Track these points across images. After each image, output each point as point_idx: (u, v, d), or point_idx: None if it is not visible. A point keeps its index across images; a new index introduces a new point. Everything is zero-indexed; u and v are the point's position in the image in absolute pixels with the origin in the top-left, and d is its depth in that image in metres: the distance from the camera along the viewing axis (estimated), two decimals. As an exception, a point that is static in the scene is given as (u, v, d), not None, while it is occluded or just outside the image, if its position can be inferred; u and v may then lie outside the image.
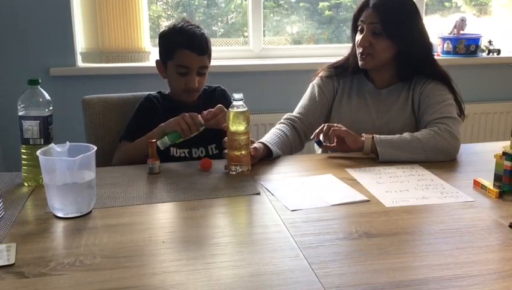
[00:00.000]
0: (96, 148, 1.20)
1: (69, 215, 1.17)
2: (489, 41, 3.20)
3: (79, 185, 1.18)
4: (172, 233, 1.11)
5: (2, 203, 1.18)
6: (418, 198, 1.29)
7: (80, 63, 2.71)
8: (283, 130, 1.72)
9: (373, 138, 1.57)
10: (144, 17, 2.69)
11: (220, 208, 1.25)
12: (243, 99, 1.43)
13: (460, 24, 3.10)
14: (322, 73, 1.87)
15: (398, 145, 1.57)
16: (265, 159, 1.57)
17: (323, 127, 1.61)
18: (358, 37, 1.74)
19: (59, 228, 1.13)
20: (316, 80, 1.87)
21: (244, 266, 0.96)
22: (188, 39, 1.70)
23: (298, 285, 0.89)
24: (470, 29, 3.16)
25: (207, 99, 1.78)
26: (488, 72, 3.18)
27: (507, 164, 1.30)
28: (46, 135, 1.35)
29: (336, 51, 2.90)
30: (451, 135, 1.60)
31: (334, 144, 1.61)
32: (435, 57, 1.82)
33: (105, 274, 0.92)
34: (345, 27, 3.28)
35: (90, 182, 1.19)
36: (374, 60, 1.72)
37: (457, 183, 1.39)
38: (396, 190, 1.34)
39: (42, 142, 1.33)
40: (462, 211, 1.21)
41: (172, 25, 1.77)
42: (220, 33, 3.22)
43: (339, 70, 1.85)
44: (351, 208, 1.23)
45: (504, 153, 1.31)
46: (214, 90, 1.85)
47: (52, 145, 1.26)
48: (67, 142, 1.22)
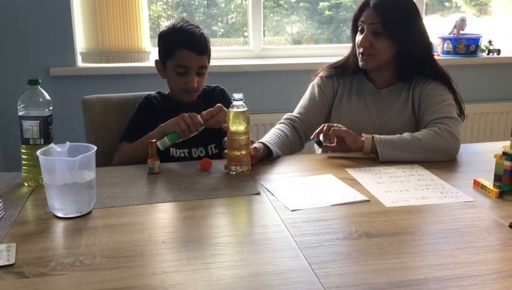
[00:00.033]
0: (96, 148, 1.20)
1: (69, 215, 1.17)
2: (489, 41, 3.20)
3: (79, 185, 1.18)
4: (172, 233, 1.11)
5: (2, 203, 1.18)
6: (418, 198, 1.29)
7: (80, 63, 2.71)
8: (283, 130, 1.72)
9: (373, 138, 1.57)
10: (144, 17, 2.69)
11: (220, 208, 1.25)
12: (243, 99, 1.43)
13: (460, 24, 3.10)
14: (322, 73, 1.87)
15: (398, 145, 1.57)
16: (265, 159, 1.57)
17: (323, 127, 1.61)
18: (359, 37, 1.74)
19: (59, 228, 1.13)
20: (316, 80, 1.87)
21: (244, 266, 0.96)
22: (187, 39, 1.70)
23: (298, 285, 0.89)
24: (470, 29, 3.16)
25: (206, 99, 1.78)
26: (488, 72, 3.18)
27: (507, 164, 1.30)
28: (46, 135, 1.35)
29: (336, 51, 2.90)
30: (451, 135, 1.60)
31: (334, 144, 1.61)
32: (434, 57, 1.82)
33: (105, 274, 0.92)
34: (345, 27, 3.28)
35: (90, 182, 1.19)
36: (374, 60, 1.72)
37: (457, 183, 1.39)
38: (396, 190, 1.34)
39: (42, 142, 1.33)
40: (462, 211, 1.21)
41: (172, 25, 1.77)
42: (220, 33, 3.22)
43: (339, 71, 1.85)
44: (351, 208, 1.23)
45: (504, 153, 1.31)
46: (213, 90, 1.85)
47: (52, 145, 1.26)
48: (67, 142, 1.22)
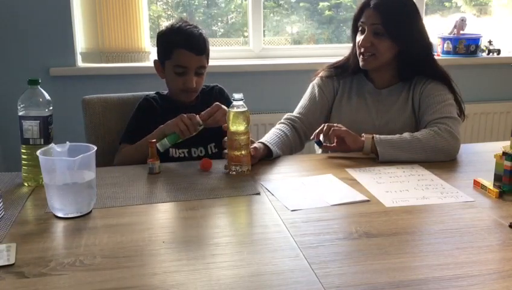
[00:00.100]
0: (96, 148, 1.20)
1: (69, 215, 1.17)
2: (489, 41, 3.20)
3: (79, 185, 1.18)
4: (172, 233, 1.11)
5: (2, 203, 1.18)
6: (418, 198, 1.29)
7: (80, 63, 2.71)
8: (283, 130, 1.72)
9: (373, 138, 1.57)
10: (144, 17, 2.69)
11: (220, 208, 1.25)
12: (243, 99, 1.43)
13: (460, 24, 3.10)
14: (322, 73, 1.87)
15: (398, 145, 1.57)
16: (265, 159, 1.57)
17: (323, 127, 1.61)
18: (359, 37, 1.73)
19: (59, 228, 1.13)
20: (316, 80, 1.87)
21: (244, 266, 0.96)
22: (186, 39, 1.69)
23: (298, 285, 0.89)
24: (470, 29, 3.16)
25: (205, 99, 1.78)
26: (488, 72, 3.18)
27: (507, 164, 1.30)
28: (46, 135, 1.35)
29: (336, 51, 2.90)
30: (451, 135, 1.60)
31: (334, 144, 1.61)
32: (435, 57, 1.82)
33: (105, 274, 0.92)
34: (345, 27, 3.28)
35: (90, 182, 1.19)
36: (375, 61, 1.72)
37: (457, 183, 1.38)
38: (396, 190, 1.34)
39: (42, 142, 1.33)
40: (462, 211, 1.21)
41: (170, 25, 1.76)
42: (220, 33, 3.22)
43: (339, 71, 1.85)
44: (351, 208, 1.23)
45: (504, 153, 1.31)
46: (212, 89, 1.85)
47: (52, 145, 1.26)
48: (67, 142, 1.22)
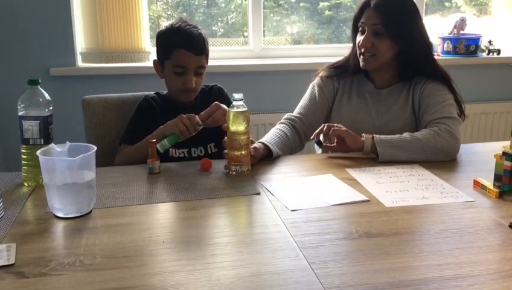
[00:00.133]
0: (96, 148, 1.20)
1: (69, 215, 1.17)
2: (489, 41, 3.20)
3: (79, 185, 1.18)
4: (172, 233, 1.11)
5: (2, 203, 1.18)
6: (418, 198, 1.29)
7: (80, 63, 2.71)
8: (283, 130, 1.72)
9: (373, 138, 1.57)
10: (144, 17, 2.69)
11: (220, 208, 1.25)
12: (243, 99, 1.43)
13: (460, 24, 3.10)
14: (322, 73, 1.87)
15: (398, 145, 1.57)
16: (265, 159, 1.57)
17: (323, 127, 1.61)
18: (360, 37, 1.73)
19: (59, 228, 1.13)
20: (316, 80, 1.87)
21: (244, 266, 0.96)
22: (186, 39, 1.69)
23: (298, 285, 0.89)
24: (470, 29, 3.16)
25: (204, 99, 1.78)
26: (488, 72, 3.18)
27: (507, 164, 1.30)
28: (46, 135, 1.35)
29: (336, 51, 2.90)
30: (451, 135, 1.60)
31: (334, 144, 1.61)
32: (435, 57, 1.82)
33: (105, 274, 0.92)
34: (345, 27, 3.28)
35: (90, 182, 1.19)
36: (376, 61, 1.72)
37: (457, 183, 1.38)
38: (396, 190, 1.34)
39: (42, 142, 1.33)
40: (462, 211, 1.21)
41: (170, 25, 1.76)
42: (220, 33, 3.22)
43: (339, 71, 1.85)
44: (351, 208, 1.23)
45: (504, 153, 1.31)
46: (211, 89, 1.85)
47: (52, 145, 1.26)
48: (67, 142, 1.22)
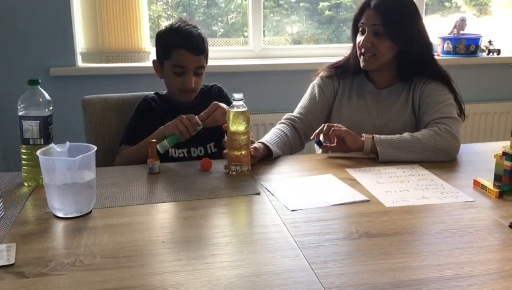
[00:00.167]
0: (96, 148, 1.20)
1: (69, 215, 1.17)
2: (489, 41, 3.20)
3: (79, 185, 1.18)
4: (172, 233, 1.11)
5: (2, 203, 1.18)
6: (418, 198, 1.29)
7: (80, 63, 2.71)
8: (283, 130, 1.72)
9: (373, 138, 1.57)
10: (144, 17, 2.69)
11: (220, 208, 1.25)
12: (243, 99, 1.43)
13: (460, 24, 3.10)
14: (322, 73, 1.87)
15: (398, 145, 1.57)
16: (265, 159, 1.57)
17: (323, 127, 1.61)
18: (360, 38, 1.73)
19: (59, 228, 1.13)
20: (317, 80, 1.87)
21: (244, 266, 0.96)
22: (185, 39, 1.69)
23: (298, 285, 0.89)
24: (470, 29, 3.16)
25: (204, 99, 1.78)
26: (488, 72, 3.18)
27: (507, 164, 1.30)
28: (46, 135, 1.35)
29: (336, 51, 2.90)
30: (451, 135, 1.60)
31: (334, 144, 1.61)
32: (435, 57, 1.82)
33: (105, 274, 0.92)
34: (345, 27, 3.28)
35: (90, 182, 1.19)
36: (376, 61, 1.72)
37: (457, 183, 1.38)
38: (396, 190, 1.34)
39: (42, 142, 1.33)
40: (462, 211, 1.21)
41: (169, 25, 1.76)
42: (220, 33, 3.22)
43: (339, 71, 1.85)
44: (351, 208, 1.23)
45: (504, 153, 1.31)
46: (210, 89, 1.85)
47: (52, 145, 1.26)
48: (67, 142, 1.22)
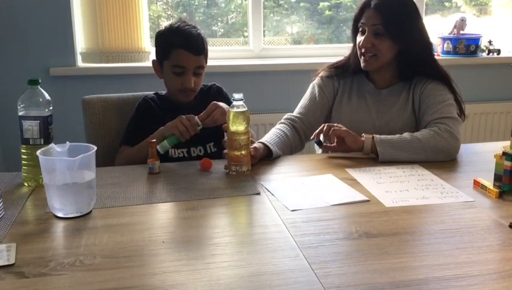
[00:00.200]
0: (96, 148, 1.20)
1: (69, 215, 1.17)
2: (489, 41, 3.20)
3: (79, 185, 1.18)
4: (172, 233, 1.11)
5: (2, 203, 1.18)
6: (418, 198, 1.29)
7: (80, 63, 2.71)
8: (283, 130, 1.72)
9: (373, 138, 1.57)
10: (144, 17, 2.69)
11: (220, 208, 1.25)
12: (243, 99, 1.43)
13: (460, 24, 3.10)
14: (322, 73, 1.87)
15: (398, 145, 1.57)
16: (265, 159, 1.57)
17: (323, 127, 1.61)
18: (360, 38, 1.73)
19: (59, 228, 1.13)
20: (317, 80, 1.87)
21: (244, 266, 0.96)
22: (185, 39, 1.69)
23: (298, 285, 0.89)
24: (470, 29, 3.16)
25: (203, 98, 1.78)
26: (488, 72, 3.18)
27: (507, 164, 1.30)
28: (46, 135, 1.35)
29: (336, 51, 2.90)
30: (451, 135, 1.60)
31: (334, 144, 1.61)
32: (435, 57, 1.82)
33: (105, 274, 0.92)
34: (345, 27, 3.28)
35: (90, 182, 1.19)
36: (377, 62, 1.72)
37: (457, 183, 1.38)
38: (396, 190, 1.34)
39: (42, 142, 1.33)
40: (462, 211, 1.21)
41: (169, 25, 1.76)
42: (220, 33, 3.22)
43: (339, 71, 1.85)
44: (351, 208, 1.23)
45: (504, 153, 1.31)
46: (210, 88, 1.85)
47: (52, 145, 1.26)
48: (67, 142, 1.23)
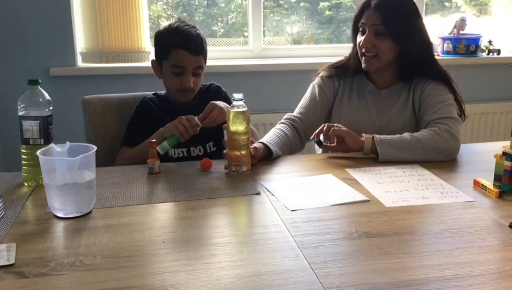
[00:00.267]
0: (96, 148, 1.20)
1: (69, 215, 1.17)
2: (489, 41, 3.20)
3: (79, 185, 1.18)
4: (172, 233, 1.11)
5: (2, 203, 1.18)
6: (418, 198, 1.29)
7: (80, 63, 2.71)
8: (283, 130, 1.72)
9: (373, 138, 1.57)
10: (144, 17, 2.69)
11: (220, 208, 1.25)
12: (243, 99, 1.43)
13: (460, 24, 3.10)
14: (322, 73, 1.87)
15: (398, 146, 1.57)
16: (265, 159, 1.57)
17: (323, 127, 1.61)
18: (360, 38, 1.73)
19: (59, 228, 1.13)
20: (317, 80, 1.87)
21: (244, 266, 0.96)
22: (184, 39, 1.69)
23: (298, 285, 0.89)
24: (470, 29, 3.16)
25: (202, 98, 1.78)
26: (488, 72, 3.18)
27: (507, 164, 1.30)
28: (46, 135, 1.35)
29: (336, 51, 2.90)
30: (451, 135, 1.60)
31: (334, 144, 1.61)
32: (435, 56, 1.82)
33: (105, 274, 0.92)
34: (345, 27, 3.28)
35: (90, 182, 1.19)
36: (378, 62, 1.71)
37: (457, 183, 1.38)
38: (396, 190, 1.34)
39: (42, 142, 1.33)
40: (462, 211, 1.21)
41: (168, 25, 1.76)
42: (220, 33, 3.22)
43: (339, 71, 1.85)
44: (351, 208, 1.23)
45: (504, 153, 1.31)
46: (209, 88, 1.85)
47: (52, 145, 1.26)
48: (67, 142, 1.23)
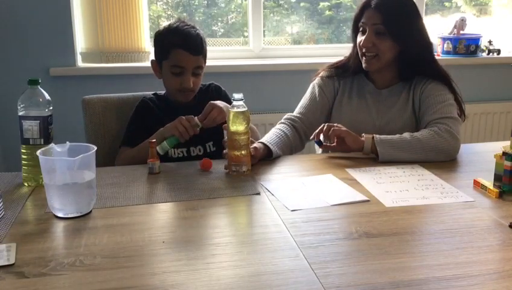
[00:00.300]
0: (96, 148, 1.20)
1: (69, 215, 1.17)
2: (489, 41, 3.20)
3: (79, 185, 1.18)
4: (172, 233, 1.11)
5: (2, 203, 1.18)
6: (418, 198, 1.29)
7: (80, 63, 2.71)
8: (283, 130, 1.72)
9: (373, 138, 1.57)
10: (144, 17, 2.69)
11: (220, 208, 1.25)
12: (243, 99, 1.43)
13: (460, 24, 3.10)
14: (322, 73, 1.87)
15: (398, 146, 1.57)
16: (265, 159, 1.57)
17: (323, 127, 1.61)
18: (360, 38, 1.73)
19: (59, 228, 1.13)
20: (317, 80, 1.87)
21: (244, 266, 0.96)
22: (183, 39, 1.69)
23: (298, 285, 0.89)
24: (470, 29, 3.16)
25: (202, 98, 1.78)
26: (488, 72, 3.18)
27: (507, 164, 1.30)
28: (46, 135, 1.35)
29: (336, 51, 2.90)
30: (451, 135, 1.60)
31: (334, 144, 1.61)
32: (435, 56, 1.82)
33: (105, 274, 0.92)
34: (345, 27, 3.28)
35: (90, 182, 1.19)
36: (379, 62, 1.71)
37: (457, 183, 1.38)
38: (396, 190, 1.34)
39: (42, 142, 1.33)
40: (462, 211, 1.21)
41: (168, 25, 1.76)
42: (220, 33, 3.22)
43: (339, 71, 1.85)
44: (351, 208, 1.23)
45: (504, 153, 1.31)
46: (208, 88, 1.85)
47: (52, 145, 1.26)
48: (67, 142, 1.23)
